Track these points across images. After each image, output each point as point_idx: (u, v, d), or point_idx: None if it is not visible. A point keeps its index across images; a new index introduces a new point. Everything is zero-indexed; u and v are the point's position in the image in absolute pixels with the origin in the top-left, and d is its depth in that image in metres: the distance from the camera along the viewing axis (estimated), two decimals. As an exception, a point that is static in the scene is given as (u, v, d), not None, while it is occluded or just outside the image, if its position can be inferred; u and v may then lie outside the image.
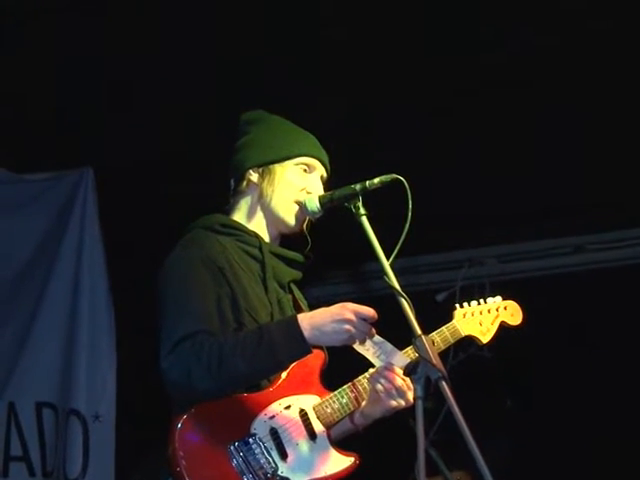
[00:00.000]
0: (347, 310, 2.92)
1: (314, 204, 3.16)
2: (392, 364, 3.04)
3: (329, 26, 4.48)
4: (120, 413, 5.50)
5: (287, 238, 3.30)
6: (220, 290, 3.00)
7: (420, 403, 2.60)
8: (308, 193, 3.21)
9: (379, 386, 3.05)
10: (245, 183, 3.27)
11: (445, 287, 6.66)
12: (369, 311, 2.93)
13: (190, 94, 4.94)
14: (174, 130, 5.25)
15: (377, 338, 3.00)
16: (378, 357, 3.03)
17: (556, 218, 6.38)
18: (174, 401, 2.99)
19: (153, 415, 3.77)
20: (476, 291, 6.18)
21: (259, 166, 3.26)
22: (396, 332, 2.95)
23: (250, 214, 3.26)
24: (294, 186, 3.22)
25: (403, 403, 3.05)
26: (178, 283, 3.01)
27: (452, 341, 3.32)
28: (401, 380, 3.03)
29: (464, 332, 3.36)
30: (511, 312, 3.51)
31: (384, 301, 2.96)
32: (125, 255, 5.75)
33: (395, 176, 3.01)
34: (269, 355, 2.88)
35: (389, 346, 3.04)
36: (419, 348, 2.69)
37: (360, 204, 3.00)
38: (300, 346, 2.90)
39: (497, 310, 3.48)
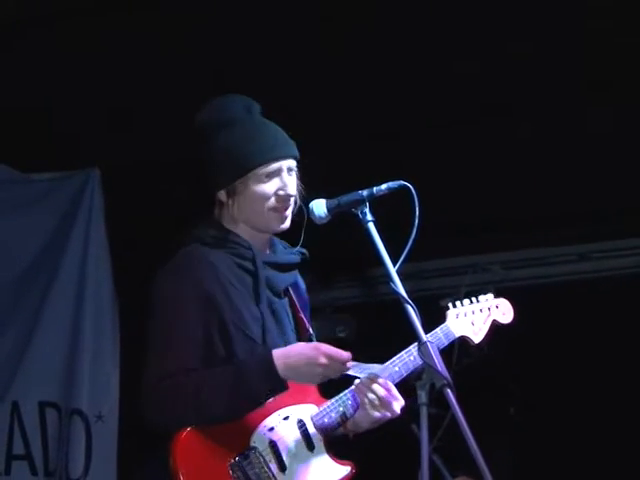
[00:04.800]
0: (321, 355, 2.94)
1: (321, 209, 3.11)
2: (376, 375, 3.04)
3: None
4: (123, 413, 5.51)
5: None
6: (210, 317, 3.00)
7: (425, 410, 2.61)
8: (282, 192, 3.15)
9: (363, 397, 3.04)
10: (219, 203, 3.23)
11: (450, 293, 6.65)
12: (342, 355, 2.96)
13: (192, 93, 4.95)
14: (178, 130, 5.25)
15: (352, 363, 3.02)
16: (360, 372, 3.05)
17: (560, 226, 6.38)
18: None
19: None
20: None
21: (224, 187, 3.20)
22: (400, 337, 2.95)
23: (236, 222, 3.20)
24: (263, 197, 3.15)
25: (388, 414, 3.04)
26: (164, 314, 3.02)
27: (446, 342, 3.26)
28: (384, 391, 3.02)
29: (457, 333, 3.32)
30: (502, 310, 3.46)
31: (389, 306, 2.96)
32: (130, 256, 5.74)
33: (402, 183, 3.00)
34: (246, 396, 2.92)
35: (367, 365, 3.06)
36: (424, 354, 2.69)
37: (367, 210, 2.99)
38: (275, 384, 2.94)
39: (489, 309, 3.44)
